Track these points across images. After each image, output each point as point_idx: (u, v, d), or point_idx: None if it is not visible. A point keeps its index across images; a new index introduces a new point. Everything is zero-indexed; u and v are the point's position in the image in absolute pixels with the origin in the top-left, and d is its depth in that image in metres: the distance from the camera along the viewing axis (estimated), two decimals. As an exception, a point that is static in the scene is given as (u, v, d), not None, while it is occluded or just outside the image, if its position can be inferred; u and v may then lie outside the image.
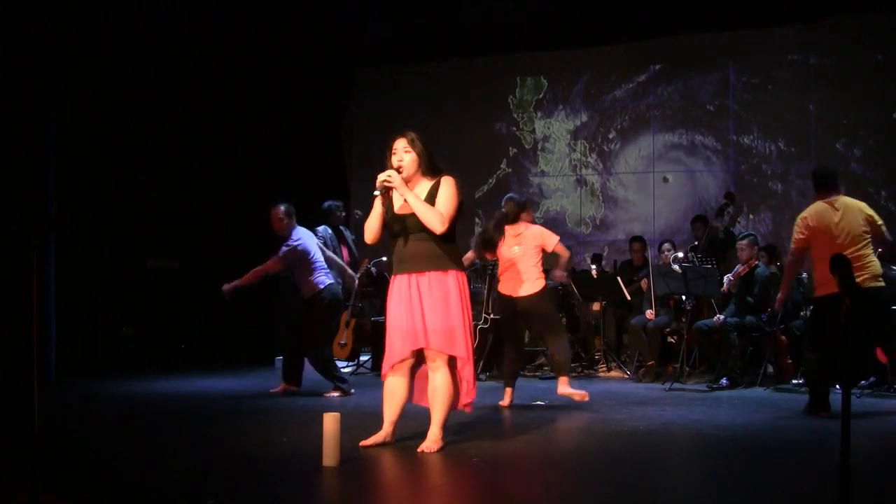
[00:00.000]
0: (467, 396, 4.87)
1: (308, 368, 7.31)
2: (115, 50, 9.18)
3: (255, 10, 9.16)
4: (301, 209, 8.95)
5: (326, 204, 9.28)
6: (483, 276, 8.75)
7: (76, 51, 8.70)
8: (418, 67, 11.14)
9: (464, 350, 4.68)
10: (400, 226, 4.73)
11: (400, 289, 4.73)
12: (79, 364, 8.45)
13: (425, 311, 4.64)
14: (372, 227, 4.78)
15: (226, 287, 7.04)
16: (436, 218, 4.62)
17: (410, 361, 4.80)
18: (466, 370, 4.76)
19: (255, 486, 4.03)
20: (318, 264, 7.13)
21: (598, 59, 10.58)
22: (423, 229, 4.65)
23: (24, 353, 5.72)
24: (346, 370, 8.74)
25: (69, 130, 8.65)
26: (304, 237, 7.14)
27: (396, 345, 4.74)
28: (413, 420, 5.11)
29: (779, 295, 6.53)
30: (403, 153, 4.72)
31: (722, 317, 7.65)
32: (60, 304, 8.34)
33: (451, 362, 4.76)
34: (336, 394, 7.05)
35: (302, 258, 7.03)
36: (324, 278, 7.12)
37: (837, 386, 7.03)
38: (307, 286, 7.08)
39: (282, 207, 7.11)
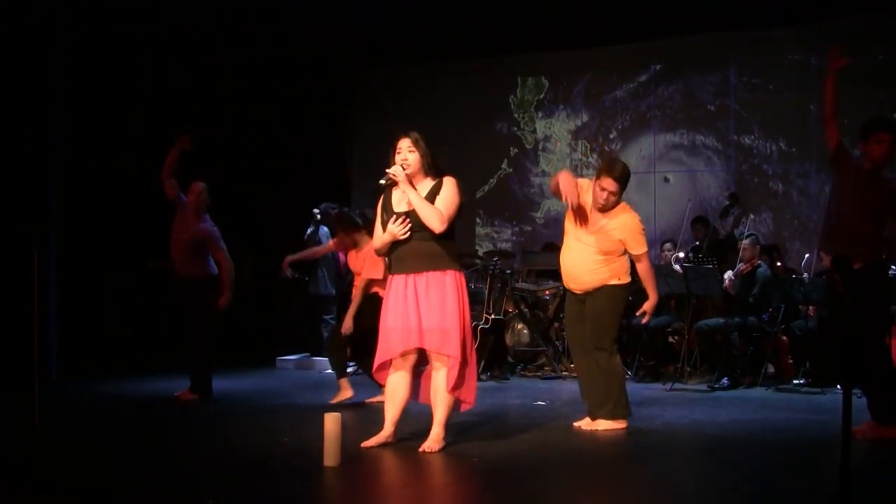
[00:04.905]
0: (464, 396, 4.85)
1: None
2: (116, 49, 9.17)
3: (256, 11, 9.16)
4: (301, 209, 8.96)
5: (322, 206, 9.31)
6: (484, 276, 8.75)
7: (78, 50, 8.70)
8: (418, 67, 11.14)
9: (457, 349, 4.66)
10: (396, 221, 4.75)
11: (397, 289, 4.74)
12: (80, 364, 8.45)
13: (421, 311, 4.66)
14: (386, 244, 4.78)
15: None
16: (435, 217, 4.64)
17: (412, 360, 4.81)
18: (464, 370, 4.73)
19: (255, 486, 4.03)
20: None
21: (598, 59, 10.57)
22: (422, 228, 4.67)
23: (25, 352, 5.72)
24: (347, 370, 8.74)
25: (71, 130, 8.65)
26: None
27: (391, 342, 4.74)
28: (414, 420, 5.11)
29: None
30: (408, 152, 4.75)
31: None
32: (62, 304, 8.34)
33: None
34: None
35: None
36: None
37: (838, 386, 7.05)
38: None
39: None
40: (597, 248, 5.40)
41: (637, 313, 5.66)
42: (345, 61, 10.85)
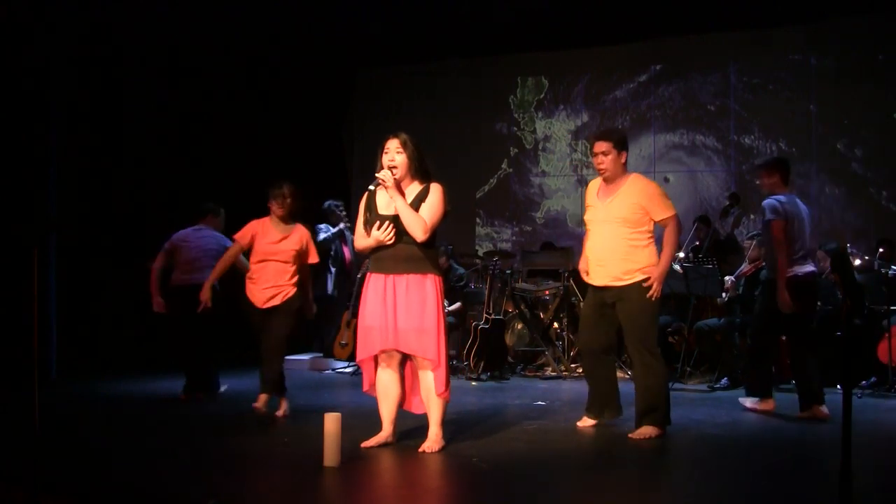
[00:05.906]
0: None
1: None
2: (115, 50, 9.17)
3: (256, 11, 9.15)
4: (302, 209, 8.94)
5: (326, 203, 9.31)
6: (484, 276, 8.74)
7: (77, 51, 8.70)
8: (418, 67, 11.14)
9: (434, 353, 4.68)
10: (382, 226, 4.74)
11: (376, 287, 4.76)
12: (79, 363, 8.45)
13: (399, 312, 4.68)
14: (368, 245, 4.79)
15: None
16: (419, 226, 4.65)
17: (398, 357, 4.83)
18: (438, 373, 4.73)
19: (255, 486, 4.03)
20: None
21: (598, 59, 10.57)
22: (405, 232, 4.68)
23: (24, 352, 5.73)
24: (347, 370, 8.75)
25: (71, 131, 8.64)
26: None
27: (371, 340, 4.76)
28: (413, 420, 5.12)
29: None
30: (396, 154, 4.75)
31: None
32: (61, 304, 8.33)
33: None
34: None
35: None
36: None
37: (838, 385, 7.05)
38: None
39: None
40: (618, 217, 5.16)
41: (645, 284, 5.14)
42: (344, 61, 10.84)
